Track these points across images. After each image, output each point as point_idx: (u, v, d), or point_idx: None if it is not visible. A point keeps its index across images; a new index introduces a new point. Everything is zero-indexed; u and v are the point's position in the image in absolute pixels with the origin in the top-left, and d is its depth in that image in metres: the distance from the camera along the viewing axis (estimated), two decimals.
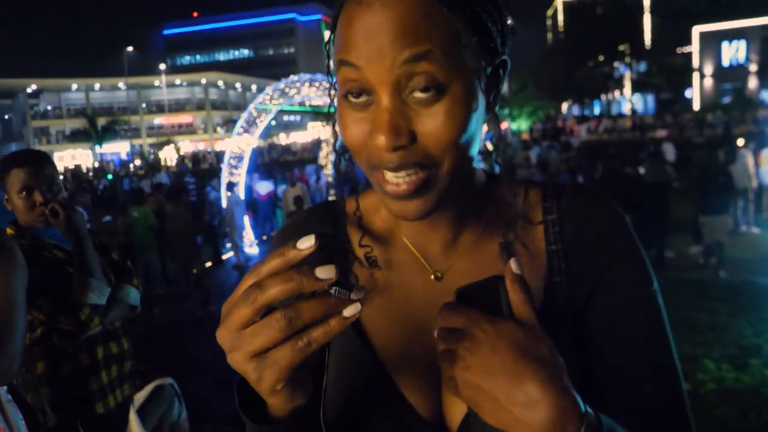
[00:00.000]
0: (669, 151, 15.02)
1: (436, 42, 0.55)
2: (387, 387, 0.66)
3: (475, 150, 0.62)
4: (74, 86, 55.73)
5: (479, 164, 0.72)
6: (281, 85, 11.81)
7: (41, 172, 1.85)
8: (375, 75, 0.56)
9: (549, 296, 0.67)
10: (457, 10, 0.56)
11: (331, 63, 0.63)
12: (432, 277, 0.70)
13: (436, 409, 0.66)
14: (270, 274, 0.47)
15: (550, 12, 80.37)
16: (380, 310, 0.70)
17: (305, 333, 0.48)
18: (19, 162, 1.85)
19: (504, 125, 36.28)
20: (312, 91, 11.70)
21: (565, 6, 68.96)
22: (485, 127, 0.69)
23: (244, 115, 11.98)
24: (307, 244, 0.47)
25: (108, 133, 41.10)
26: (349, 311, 0.48)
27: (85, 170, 35.83)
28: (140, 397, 2.67)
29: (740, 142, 11.61)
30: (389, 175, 0.58)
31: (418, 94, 0.56)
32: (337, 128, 0.67)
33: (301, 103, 14.04)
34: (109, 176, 26.25)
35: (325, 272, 0.46)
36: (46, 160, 1.91)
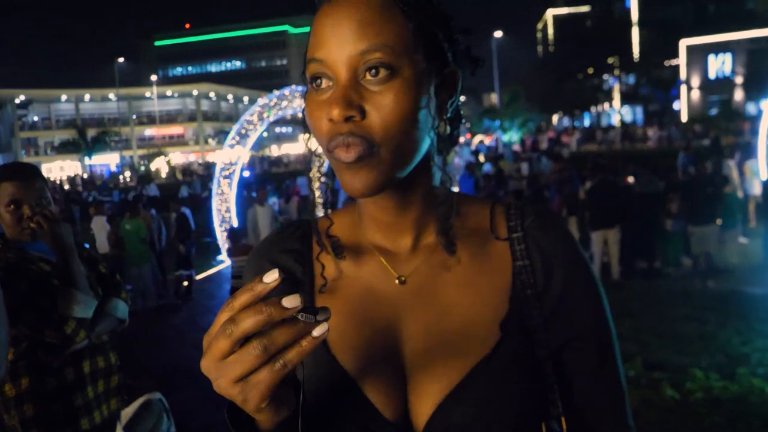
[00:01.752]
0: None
1: (389, 37, 0.64)
2: (352, 391, 0.69)
3: (420, 144, 0.68)
4: (64, 97, 55.55)
5: (438, 174, 0.76)
6: (273, 97, 11.83)
7: (31, 186, 1.85)
8: (336, 63, 0.64)
9: (522, 307, 0.72)
10: (410, 14, 0.66)
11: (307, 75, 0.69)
12: (396, 281, 0.74)
13: (401, 411, 0.69)
14: (242, 308, 0.51)
15: (540, 25, 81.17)
16: (346, 316, 0.73)
17: (281, 355, 0.52)
18: (8, 175, 1.84)
19: (495, 136, 36.48)
20: (304, 103, 11.72)
21: (555, 19, 69.70)
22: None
23: (236, 127, 11.98)
24: (272, 278, 0.52)
25: (98, 144, 40.93)
26: (317, 331, 0.52)
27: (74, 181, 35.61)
28: (128, 412, 2.64)
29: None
30: (341, 148, 0.65)
31: (371, 77, 0.64)
32: (311, 144, 0.73)
33: (293, 115, 14.07)
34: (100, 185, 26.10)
35: (291, 301, 0.50)
36: (35, 173, 1.90)
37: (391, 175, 0.66)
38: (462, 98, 0.77)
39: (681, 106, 46.28)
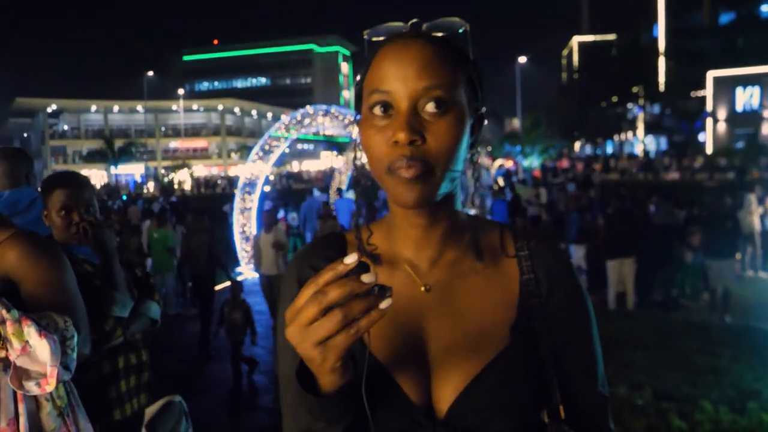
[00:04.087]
0: None
1: (446, 78, 0.78)
2: (385, 379, 0.82)
3: (459, 167, 0.81)
4: (93, 108, 56.82)
5: (460, 199, 0.89)
6: (297, 114, 12.10)
7: (81, 195, 2.02)
8: (399, 95, 0.77)
9: (528, 314, 0.85)
10: (458, 63, 0.80)
11: (351, 106, 0.83)
12: (422, 288, 0.86)
13: (426, 397, 0.81)
14: (327, 284, 0.63)
15: (565, 52, 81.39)
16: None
17: (354, 323, 0.64)
18: (61, 183, 2.01)
19: (511, 162, 36.48)
20: (327, 121, 11.97)
21: (580, 46, 69.86)
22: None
23: (260, 143, 12.24)
24: (352, 260, 0.64)
25: (124, 154, 41.84)
26: (384, 304, 0.64)
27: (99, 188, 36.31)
28: (150, 411, 2.77)
29: None
30: (403, 168, 0.76)
31: (430, 109, 0.77)
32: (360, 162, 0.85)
33: (316, 133, 14.32)
34: (124, 197, 26.64)
35: (368, 277, 0.64)
36: (85, 183, 2.07)
37: (439, 191, 0.79)
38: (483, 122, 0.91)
39: (706, 139, 45.84)
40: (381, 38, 0.82)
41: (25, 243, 1.52)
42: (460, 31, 0.82)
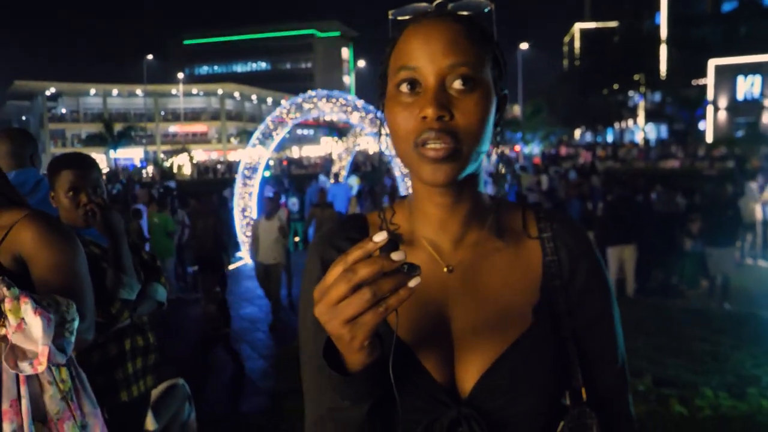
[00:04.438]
0: None
1: (473, 56, 0.78)
2: (409, 359, 0.82)
3: (484, 146, 0.80)
4: (92, 91, 56.48)
5: (485, 187, 0.89)
6: (298, 99, 12.03)
7: (88, 175, 2.00)
8: (427, 72, 0.77)
9: (550, 295, 0.85)
10: (483, 42, 0.80)
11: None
12: (445, 269, 0.86)
13: (450, 377, 0.82)
14: (356, 261, 0.62)
15: (566, 39, 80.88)
16: None
17: (383, 301, 0.63)
18: (68, 164, 2.00)
19: (516, 148, 36.45)
20: (328, 107, 11.91)
21: (582, 33, 69.42)
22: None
23: (261, 127, 12.18)
24: (381, 237, 0.63)
25: (123, 138, 41.63)
26: (413, 282, 0.63)
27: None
28: (154, 394, 2.78)
29: None
30: (430, 145, 0.76)
31: (457, 86, 0.77)
32: (384, 144, 0.84)
33: (317, 119, 14.26)
34: (123, 181, 26.60)
35: (398, 255, 0.63)
36: (92, 164, 2.06)
37: (466, 169, 0.79)
38: None
39: (707, 127, 45.71)
40: (406, 17, 0.82)
41: (39, 224, 1.50)
42: (486, 10, 0.82)
